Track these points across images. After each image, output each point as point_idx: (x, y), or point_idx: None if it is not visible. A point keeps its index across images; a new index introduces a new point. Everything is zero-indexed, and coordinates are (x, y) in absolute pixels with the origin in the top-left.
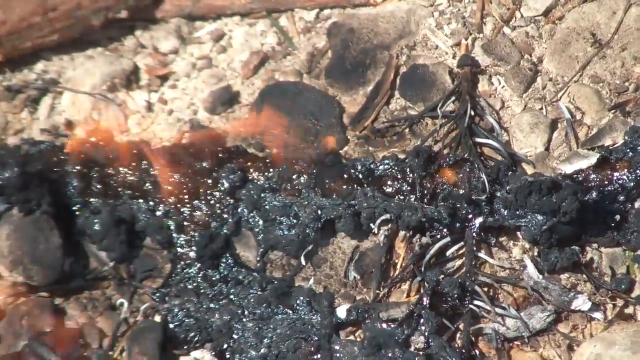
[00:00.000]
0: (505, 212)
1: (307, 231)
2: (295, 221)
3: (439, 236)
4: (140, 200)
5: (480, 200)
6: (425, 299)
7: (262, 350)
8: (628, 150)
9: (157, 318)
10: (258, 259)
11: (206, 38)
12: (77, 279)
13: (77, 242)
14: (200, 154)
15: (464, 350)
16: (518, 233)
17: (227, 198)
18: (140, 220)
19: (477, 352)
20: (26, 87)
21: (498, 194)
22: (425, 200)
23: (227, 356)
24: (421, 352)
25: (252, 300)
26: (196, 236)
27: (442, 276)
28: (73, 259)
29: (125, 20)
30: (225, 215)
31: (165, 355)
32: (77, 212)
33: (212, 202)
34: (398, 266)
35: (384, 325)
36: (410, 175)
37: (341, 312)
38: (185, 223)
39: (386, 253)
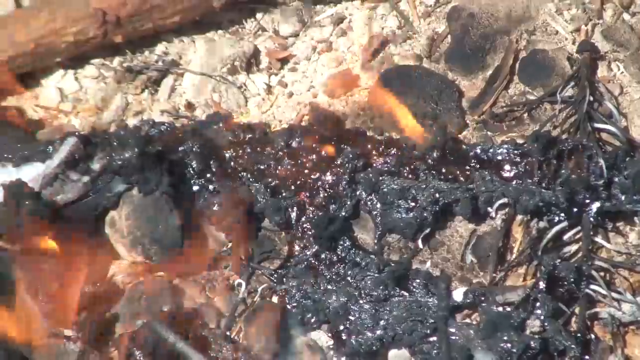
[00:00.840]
0: (623, 197)
1: (425, 214)
2: (413, 204)
3: (556, 220)
4: (260, 182)
5: (598, 185)
6: (541, 283)
7: (378, 332)
8: None
9: (275, 299)
10: (375, 241)
11: (326, 22)
12: (195, 260)
13: (198, 224)
14: (319, 136)
15: (579, 334)
16: (635, 218)
17: (346, 181)
18: (259, 201)
19: (592, 336)
20: (147, 69)
21: (616, 179)
22: (543, 185)
23: (343, 337)
24: (537, 336)
25: (369, 282)
26: (315, 218)
27: (558, 260)
28: (191, 239)
29: (246, 3)
30: (344, 198)
31: (283, 336)
32: (196, 193)
33: (330, 184)
34: (515, 250)
35: (500, 309)
36: (529, 160)
37: (458, 295)
38: (304, 205)
39: (503, 237)
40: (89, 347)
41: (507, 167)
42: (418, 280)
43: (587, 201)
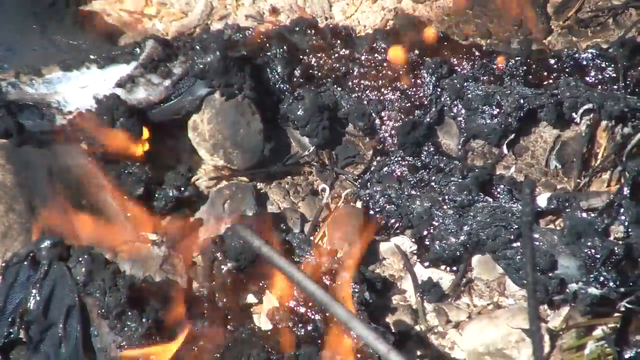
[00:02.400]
0: None
1: (510, 120)
2: (497, 110)
3: None
4: (344, 87)
5: None
6: (626, 188)
7: (462, 238)
8: None
9: (359, 204)
10: (460, 147)
11: None
12: (277, 164)
13: (279, 128)
14: (404, 41)
15: None
16: None
17: (431, 86)
18: (343, 106)
19: None
20: None
21: None
22: (629, 91)
23: (427, 243)
24: (620, 242)
25: (453, 187)
26: (399, 123)
27: None
28: (273, 144)
29: None
30: (428, 104)
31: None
32: (280, 98)
33: (415, 90)
34: (599, 156)
35: (584, 215)
36: (614, 65)
37: (542, 200)
38: (388, 110)
39: (588, 142)
40: (173, 252)
41: (592, 72)
42: (502, 186)
43: None
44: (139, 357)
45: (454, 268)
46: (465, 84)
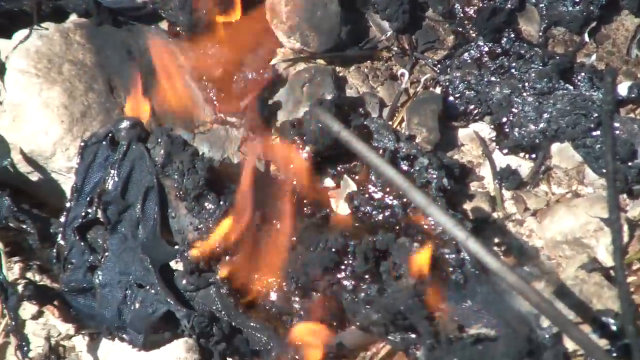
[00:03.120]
0: None
1: (592, 8)
2: None
3: None
4: None
5: None
6: None
7: (541, 125)
8: None
9: (438, 90)
10: (541, 34)
11: None
12: (354, 48)
13: (358, 11)
14: None
15: None
16: None
17: None
18: None
19: None
20: None
21: None
22: None
23: (506, 130)
24: None
25: (533, 74)
26: (479, 10)
27: None
28: (351, 27)
29: None
30: None
31: (444, 127)
32: None
33: None
34: None
35: None
36: None
37: (622, 89)
38: None
39: None
40: (251, 134)
41: None
42: (582, 74)
43: None
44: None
45: (533, 155)
46: None
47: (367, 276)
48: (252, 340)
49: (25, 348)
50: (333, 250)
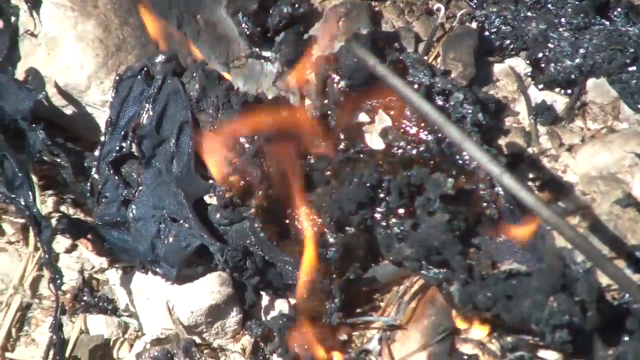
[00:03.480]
0: None
1: None
2: None
3: None
4: None
5: None
6: None
7: (577, 61)
8: None
9: (474, 25)
10: None
11: None
12: None
13: None
14: None
15: None
16: None
17: None
18: None
19: None
20: None
21: None
22: None
23: (542, 65)
24: None
25: (569, 9)
26: None
27: None
28: None
29: None
30: None
31: (480, 62)
32: None
33: None
34: None
35: None
36: None
37: None
38: None
39: None
40: (286, 69)
41: None
42: (619, 9)
43: None
44: None
45: (569, 91)
46: None
47: (401, 211)
48: (285, 274)
49: (59, 281)
50: (367, 185)
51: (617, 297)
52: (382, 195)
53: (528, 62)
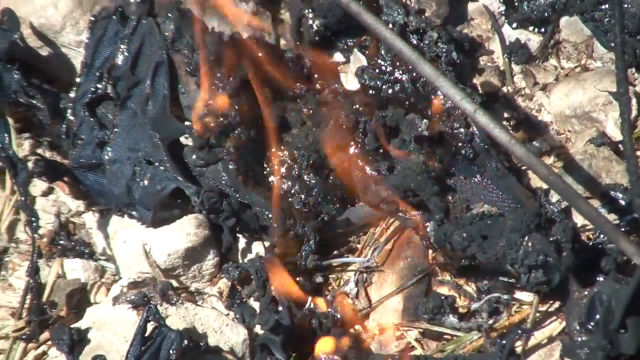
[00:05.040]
0: None
1: None
2: None
3: None
4: None
5: None
6: None
7: None
8: None
9: None
10: None
11: None
12: None
13: None
14: None
15: None
16: None
17: None
18: None
19: None
20: None
21: None
22: None
23: (515, 3)
24: None
25: None
26: None
27: None
28: None
29: None
30: None
31: (454, 1)
32: None
33: None
34: None
35: None
36: None
37: None
38: None
39: None
40: (261, 8)
41: None
42: None
43: None
44: None
45: (542, 29)
46: None
47: (377, 152)
48: (260, 216)
49: (35, 224)
50: (344, 127)
51: (592, 237)
52: (358, 137)
53: (502, 0)
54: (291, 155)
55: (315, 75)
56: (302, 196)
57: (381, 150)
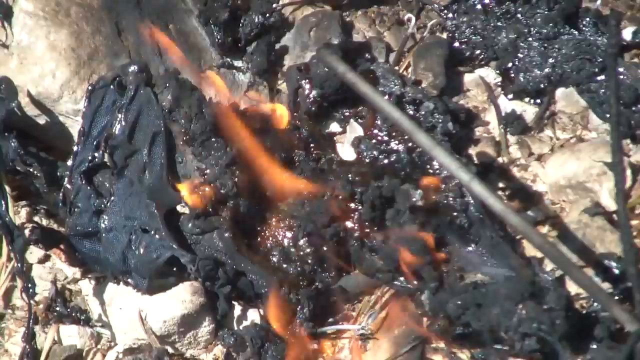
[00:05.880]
0: None
1: None
2: None
3: None
4: None
5: None
6: None
7: (546, 70)
8: None
9: (444, 35)
10: None
11: None
12: None
13: None
14: None
15: None
16: None
17: None
18: None
19: None
20: None
21: None
22: None
23: (511, 75)
24: None
25: (538, 19)
26: None
27: None
28: None
29: None
30: None
31: (450, 72)
32: None
33: None
34: None
35: None
36: None
37: (627, 34)
38: None
39: None
40: (258, 79)
41: None
42: (588, 19)
43: None
44: None
45: (538, 100)
46: None
47: (373, 223)
48: (255, 284)
49: (31, 291)
50: (340, 197)
51: (585, 305)
52: (354, 207)
53: (498, 71)
54: (287, 224)
55: (312, 145)
56: (297, 264)
57: (377, 221)
